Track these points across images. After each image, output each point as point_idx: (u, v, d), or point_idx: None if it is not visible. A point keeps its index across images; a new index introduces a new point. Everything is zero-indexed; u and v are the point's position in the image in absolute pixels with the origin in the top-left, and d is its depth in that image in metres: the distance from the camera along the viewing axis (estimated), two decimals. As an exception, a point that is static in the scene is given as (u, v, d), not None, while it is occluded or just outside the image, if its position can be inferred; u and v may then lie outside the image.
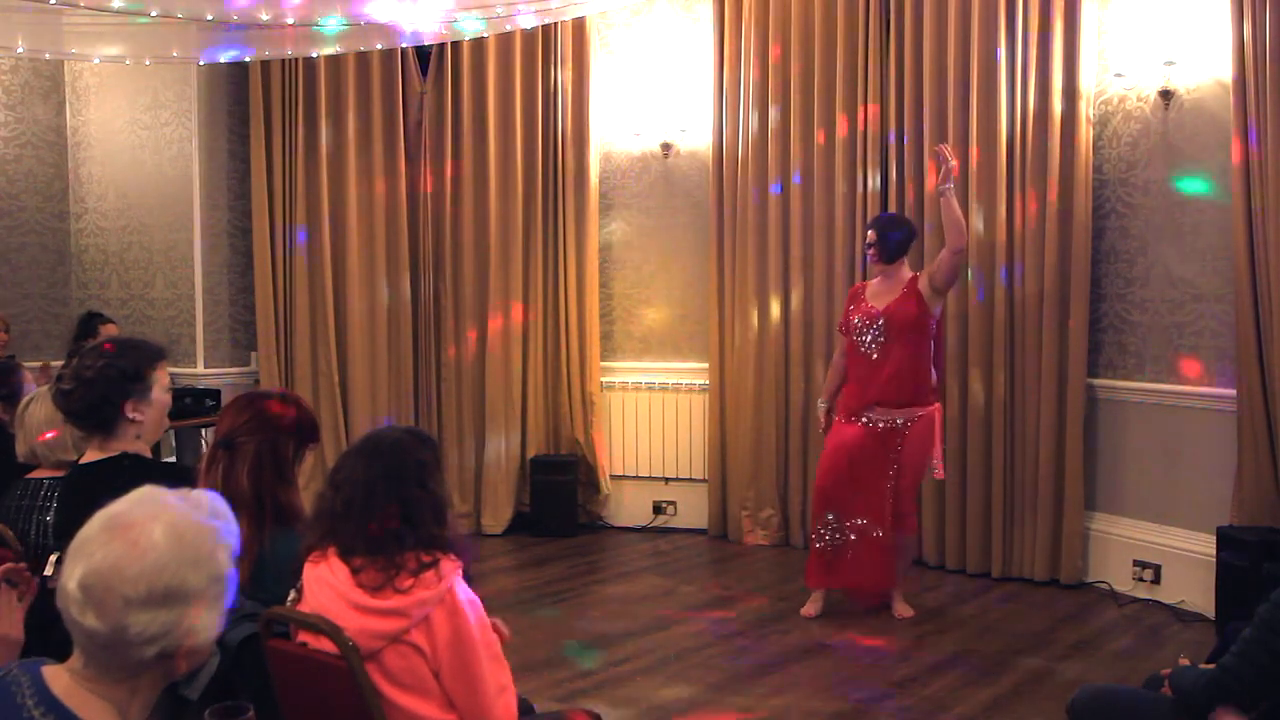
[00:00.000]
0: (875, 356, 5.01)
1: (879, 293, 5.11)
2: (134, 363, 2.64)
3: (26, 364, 5.16)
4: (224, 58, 6.29)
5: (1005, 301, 5.68)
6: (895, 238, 5.07)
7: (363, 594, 2.22)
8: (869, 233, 5.15)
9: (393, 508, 2.27)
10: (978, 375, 5.75)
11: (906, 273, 5.10)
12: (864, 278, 6.05)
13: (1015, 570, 5.69)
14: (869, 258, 5.16)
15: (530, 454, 6.89)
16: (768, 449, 6.46)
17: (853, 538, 5.03)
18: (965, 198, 5.76)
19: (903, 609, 5.12)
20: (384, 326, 6.94)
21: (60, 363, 5.66)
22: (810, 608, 5.17)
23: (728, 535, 6.64)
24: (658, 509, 6.97)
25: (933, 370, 5.08)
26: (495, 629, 2.39)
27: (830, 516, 5.07)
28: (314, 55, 6.51)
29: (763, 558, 6.25)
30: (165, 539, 1.43)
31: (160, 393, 2.70)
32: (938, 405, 5.08)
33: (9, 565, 2.05)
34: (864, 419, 5.02)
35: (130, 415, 2.63)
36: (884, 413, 4.98)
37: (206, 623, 1.47)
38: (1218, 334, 5.09)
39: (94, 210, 7.36)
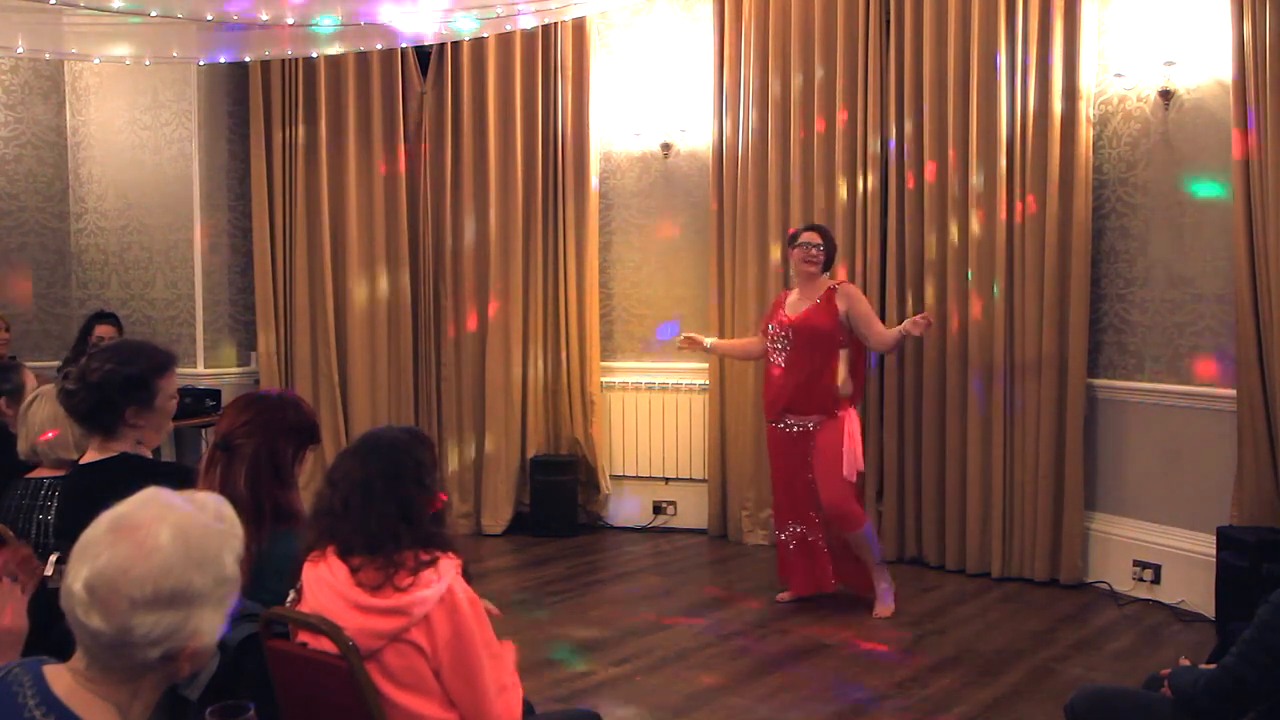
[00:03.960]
0: (782, 365, 5.19)
1: (797, 302, 5.23)
2: (140, 370, 2.64)
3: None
4: (223, 58, 6.29)
5: (1005, 301, 5.67)
6: (832, 247, 5.25)
7: (362, 593, 2.22)
8: (810, 234, 5.19)
9: (391, 506, 2.27)
10: (978, 375, 5.75)
11: (824, 282, 5.18)
12: (864, 278, 6.07)
13: (1015, 570, 5.69)
14: (809, 258, 5.13)
15: (530, 454, 6.90)
16: (767, 449, 6.45)
17: (805, 541, 5.21)
18: (965, 198, 5.77)
19: (882, 608, 5.13)
20: (384, 327, 6.94)
21: (58, 362, 5.68)
22: (788, 593, 5.37)
23: (728, 535, 6.64)
24: (658, 509, 6.97)
25: (848, 378, 5.13)
26: (487, 610, 2.39)
27: (787, 523, 5.26)
28: (314, 55, 6.51)
29: (763, 558, 6.24)
30: (171, 541, 1.43)
31: (165, 400, 2.70)
32: (849, 411, 5.13)
33: (13, 553, 2.04)
34: (781, 425, 5.20)
35: (132, 421, 2.63)
36: (795, 419, 5.15)
37: (211, 625, 1.47)
38: (1218, 334, 5.09)
39: (94, 210, 7.36)
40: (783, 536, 5.29)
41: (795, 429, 5.15)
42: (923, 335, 5.32)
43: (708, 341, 5.63)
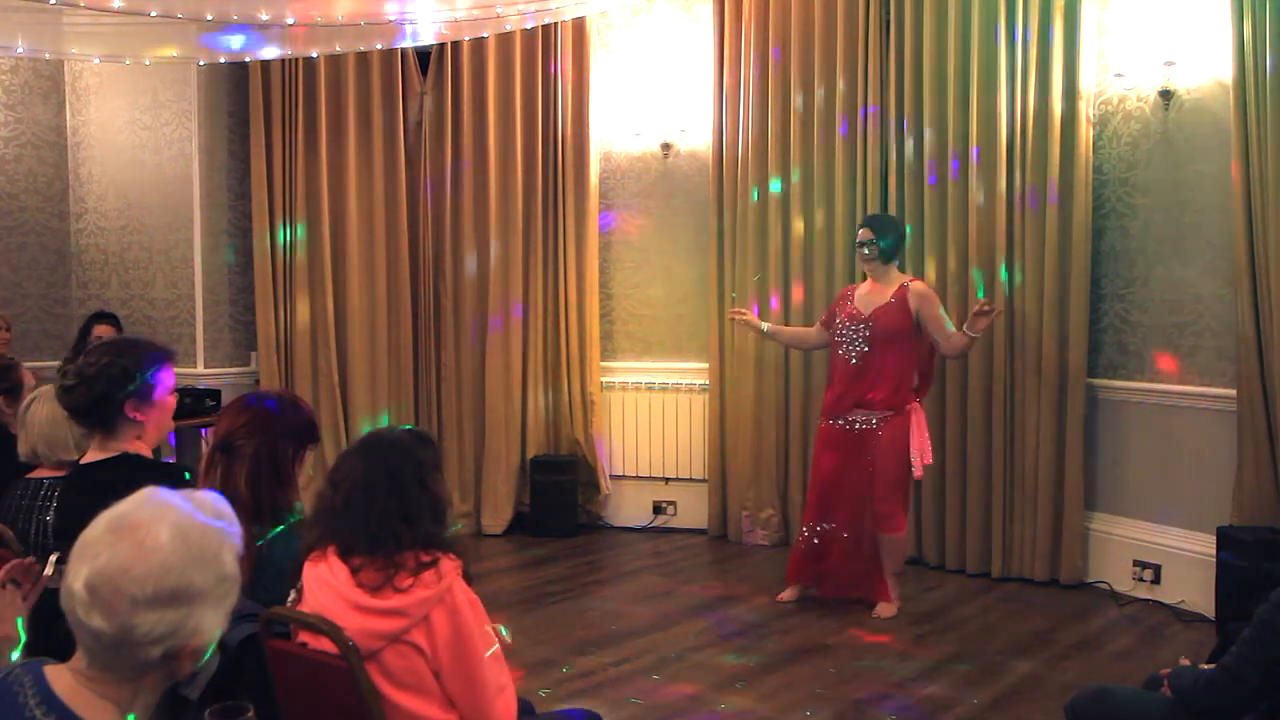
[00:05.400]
0: (855, 362, 5.11)
1: (868, 296, 5.17)
2: (137, 362, 2.64)
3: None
4: (222, 58, 6.30)
5: (1005, 301, 5.67)
6: (891, 238, 5.15)
7: (362, 593, 2.22)
8: (863, 230, 5.17)
9: (391, 507, 2.27)
10: (978, 375, 5.75)
11: (897, 277, 5.15)
12: (863, 278, 6.07)
13: (1015, 570, 5.69)
14: (863, 256, 5.15)
15: (530, 454, 6.89)
16: (768, 449, 6.46)
17: (832, 541, 5.18)
18: (965, 198, 5.77)
19: (884, 609, 5.12)
20: (384, 326, 6.94)
21: (58, 362, 5.68)
22: (788, 593, 5.34)
23: (728, 535, 6.64)
24: (658, 509, 6.97)
25: (915, 374, 5.12)
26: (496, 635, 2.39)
27: (814, 521, 5.23)
28: (314, 55, 6.52)
29: (763, 558, 6.25)
30: (171, 539, 1.44)
31: (163, 394, 2.70)
32: (915, 405, 5.09)
33: (15, 563, 2.04)
34: (842, 421, 5.12)
35: (131, 415, 2.63)
36: (862, 414, 5.08)
37: (212, 623, 1.47)
38: (1218, 334, 5.09)
39: (94, 210, 7.36)
40: (805, 533, 5.25)
41: (859, 425, 5.09)
42: (986, 327, 5.01)
43: (766, 326, 5.60)
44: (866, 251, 5.11)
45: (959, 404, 5.83)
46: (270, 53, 6.07)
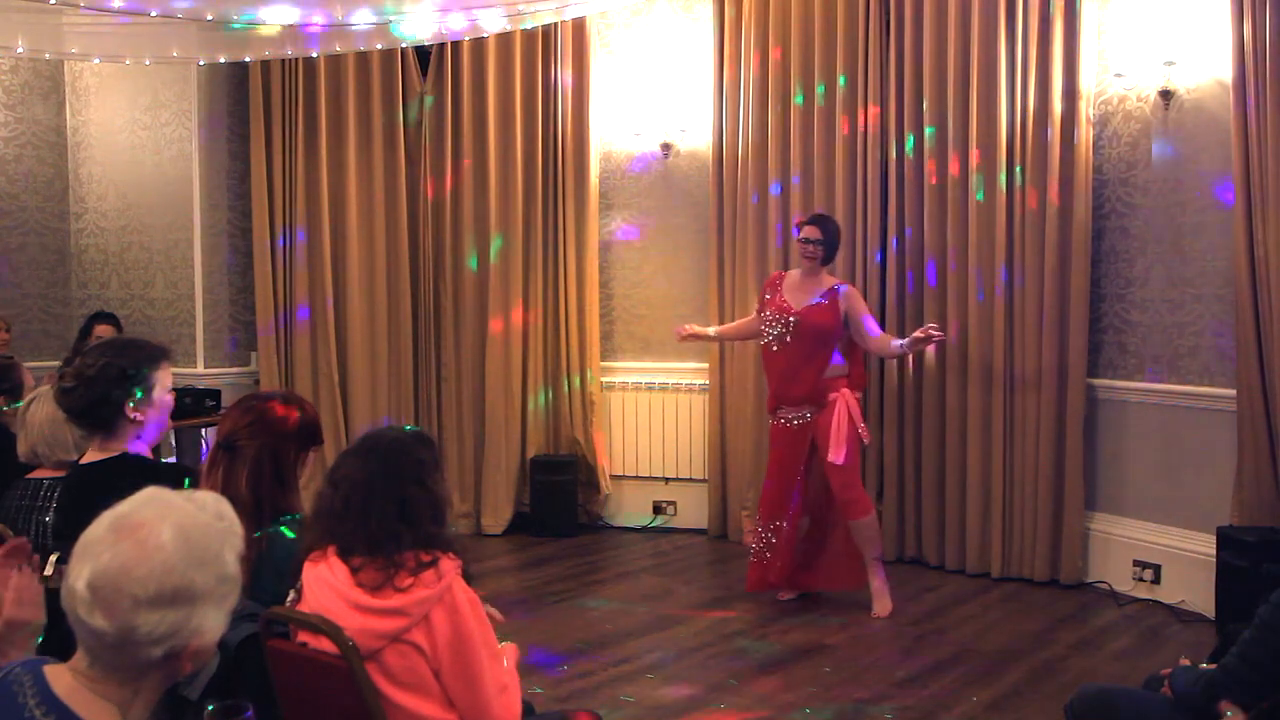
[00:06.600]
0: (776, 350, 5.16)
1: (797, 289, 5.18)
2: (135, 362, 2.64)
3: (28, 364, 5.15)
4: (222, 58, 6.29)
5: (1005, 301, 5.67)
6: (835, 240, 5.21)
7: (362, 593, 2.21)
8: (810, 228, 5.18)
9: (391, 506, 2.27)
10: (978, 375, 5.75)
11: (827, 278, 5.18)
12: (864, 279, 6.07)
13: (1015, 570, 5.69)
14: (806, 253, 5.15)
15: (530, 454, 6.89)
16: (767, 449, 6.44)
17: (776, 540, 5.20)
18: (966, 198, 5.77)
19: (880, 608, 5.12)
20: (384, 327, 6.94)
21: (58, 362, 5.68)
22: (787, 591, 5.36)
23: (728, 535, 6.64)
24: (658, 509, 6.97)
25: (840, 359, 5.15)
26: (489, 615, 2.39)
27: (766, 522, 5.25)
28: (314, 55, 6.52)
29: (763, 558, 6.25)
30: (173, 539, 1.44)
31: (162, 393, 2.70)
32: (844, 391, 5.11)
33: (13, 543, 2.01)
34: (783, 420, 5.18)
35: (130, 415, 2.63)
36: (792, 410, 5.14)
37: (213, 623, 1.47)
38: (1218, 334, 5.09)
39: (94, 210, 7.36)
40: (760, 531, 5.26)
41: (795, 421, 5.14)
42: (931, 346, 5.11)
43: (711, 330, 5.69)
44: (811, 249, 5.13)
45: (959, 403, 5.83)
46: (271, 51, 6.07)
